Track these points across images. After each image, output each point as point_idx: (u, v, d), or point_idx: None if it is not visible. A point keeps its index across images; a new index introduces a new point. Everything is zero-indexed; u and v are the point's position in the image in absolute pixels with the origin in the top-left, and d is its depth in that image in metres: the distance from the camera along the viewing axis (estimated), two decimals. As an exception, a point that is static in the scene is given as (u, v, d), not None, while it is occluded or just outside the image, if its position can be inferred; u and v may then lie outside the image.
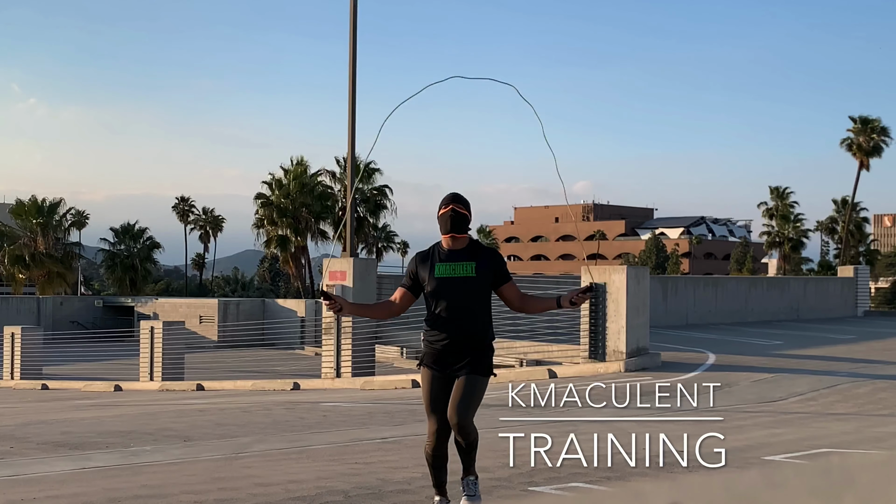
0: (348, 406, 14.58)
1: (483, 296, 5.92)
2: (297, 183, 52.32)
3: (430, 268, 5.93)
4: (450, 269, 5.89)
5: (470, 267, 5.88)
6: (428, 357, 5.92)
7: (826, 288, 35.05)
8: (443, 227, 5.92)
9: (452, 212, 5.87)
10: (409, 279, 6.03)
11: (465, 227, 5.95)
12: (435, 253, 5.98)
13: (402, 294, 6.06)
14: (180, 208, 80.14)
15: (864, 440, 9.39)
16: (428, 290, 5.91)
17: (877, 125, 58.64)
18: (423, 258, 6.01)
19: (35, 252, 52.00)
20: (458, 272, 5.88)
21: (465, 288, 5.85)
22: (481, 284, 5.90)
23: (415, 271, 6.01)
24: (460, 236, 5.92)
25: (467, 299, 5.84)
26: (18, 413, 16.56)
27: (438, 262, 5.92)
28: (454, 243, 5.92)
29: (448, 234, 5.90)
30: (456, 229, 5.88)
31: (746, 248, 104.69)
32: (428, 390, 5.91)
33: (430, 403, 5.89)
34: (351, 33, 23.24)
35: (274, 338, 32.62)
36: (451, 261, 5.90)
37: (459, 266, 5.89)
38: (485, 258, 5.96)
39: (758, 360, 17.88)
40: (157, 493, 7.06)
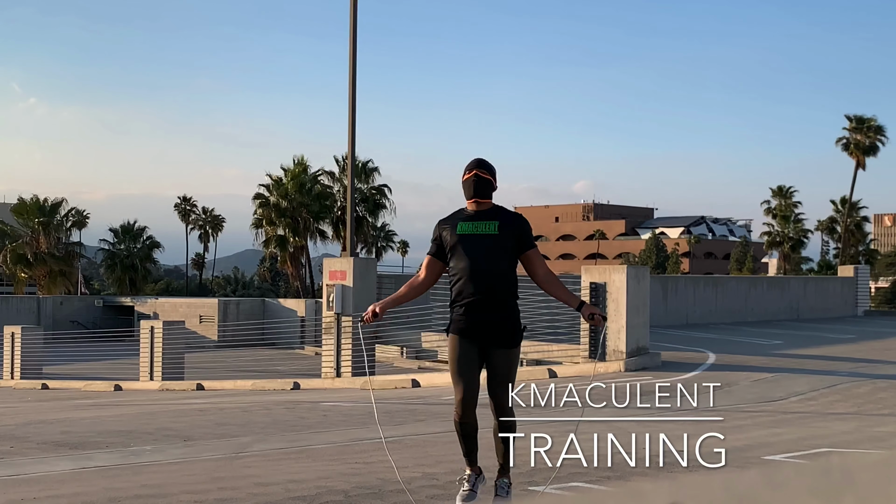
0: (348, 406, 14.58)
1: (507, 254, 5.82)
2: (295, 183, 52.31)
3: (452, 227, 5.87)
4: (472, 226, 5.82)
5: (493, 225, 5.82)
6: (455, 324, 5.83)
7: (826, 288, 35.05)
8: (467, 192, 5.86)
9: (476, 176, 5.81)
10: (434, 245, 5.96)
11: (489, 192, 5.88)
12: (458, 214, 5.94)
13: (428, 262, 6.00)
14: (182, 208, 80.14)
15: (864, 440, 9.39)
16: (450, 246, 5.84)
17: (872, 124, 58.64)
18: (446, 220, 5.97)
19: (37, 251, 52.03)
20: (480, 230, 5.81)
21: (488, 245, 5.78)
22: (504, 243, 5.80)
23: (439, 235, 5.94)
24: (484, 201, 5.86)
25: (490, 256, 5.76)
26: (18, 413, 16.56)
27: (461, 220, 5.87)
28: (478, 207, 5.87)
29: (472, 199, 5.85)
30: (479, 194, 5.82)
31: (746, 247, 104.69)
32: (455, 358, 5.81)
33: (458, 371, 5.79)
34: (351, 33, 23.24)
35: (274, 338, 32.61)
36: (474, 220, 5.85)
37: (482, 224, 5.82)
38: (509, 219, 5.90)
39: (758, 360, 17.88)
40: (157, 493, 7.06)
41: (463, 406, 5.80)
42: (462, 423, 5.86)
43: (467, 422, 5.86)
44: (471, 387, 5.78)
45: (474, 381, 5.81)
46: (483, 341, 5.78)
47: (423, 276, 6.04)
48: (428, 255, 6.02)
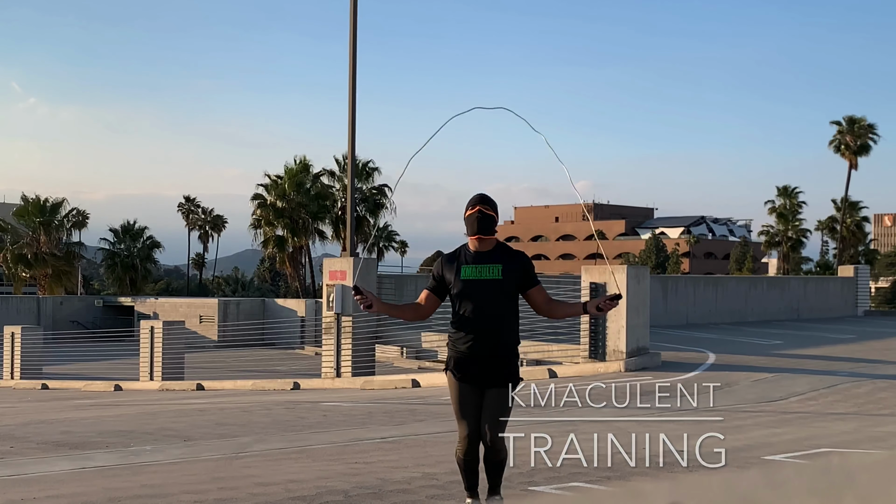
0: (348, 406, 14.58)
1: (510, 299, 5.83)
2: (292, 183, 52.28)
3: (456, 270, 5.84)
4: (476, 271, 5.80)
5: (497, 269, 5.79)
6: (454, 363, 5.85)
7: (826, 288, 35.04)
8: (469, 229, 5.83)
9: (479, 213, 5.78)
10: (435, 281, 5.94)
11: (492, 228, 5.85)
12: (461, 255, 5.89)
13: (426, 297, 5.98)
14: (185, 208, 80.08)
15: (864, 440, 9.39)
16: (454, 292, 5.82)
17: (863, 123, 58.63)
18: (449, 260, 5.93)
19: (38, 251, 52.02)
20: (484, 274, 5.78)
21: (492, 291, 5.76)
22: (508, 287, 5.80)
23: (440, 273, 5.92)
24: (487, 238, 5.83)
25: (494, 302, 5.76)
26: (18, 413, 16.56)
27: (465, 264, 5.83)
28: (481, 245, 5.84)
29: (475, 236, 5.82)
30: (483, 231, 5.79)
31: (746, 247, 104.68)
32: (457, 396, 5.86)
33: (460, 409, 5.84)
34: (351, 33, 23.24)
35: (274, 338, 32.61)
36: (477, 263, 5.81)
37: (486, 268, 5.80)
38: (512, 261, 5.87)
39: (758, 360, 17.88)
40: (157, 493, 7.06)
41: (468, 442, 5.87)
42: (466, 459, 5.92)
43: (471, 458, 5.92)
44: (475, 423, 5.85)
45: (478, 417, 5.86)
46: (481, 383, 5.83)
47: (424, 305, 6.01)
48: (426, 290, 6.00)
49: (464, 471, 5.98)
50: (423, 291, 6.03)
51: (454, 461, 6.07)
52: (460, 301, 5.82)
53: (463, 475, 6.02)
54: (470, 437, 5.84)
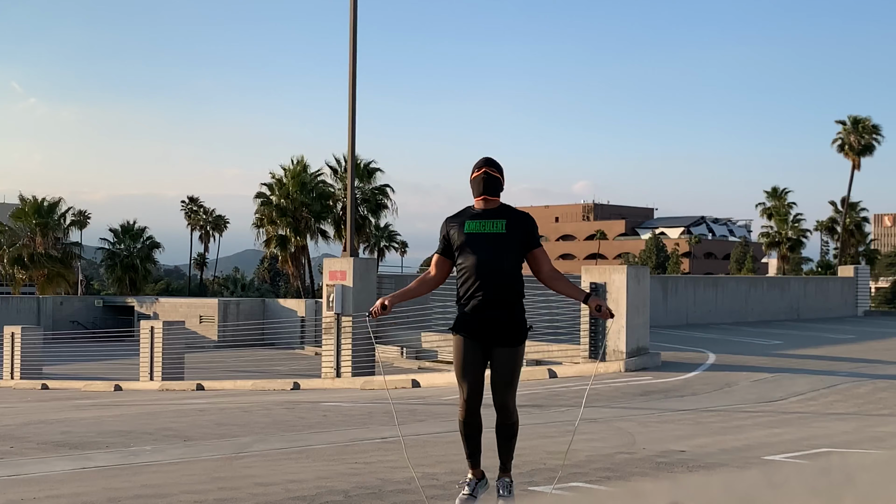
0: (348, 406, 14.58)
1: (513, 254, 5.83)
2: (296, 182, 52.30)
3: (460, 225, 5.89)
4: (480, 225, 5.84)
5: (500, 224, 5.83)
6: (460, 322, 5.84)
7: (826, 288, 35.04)
8: (475, 190, 5.87)
9: (485, 174, 5.83)
10: (442, 243, 5.98)
11: (498, 190, 5.89)
12: (465, 213, 5.96)
13: (437, 261, 6.01)
14: (188, 208, 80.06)
15: (864, 440, 9.39)
16: (458, 244, 5.85)
17: (867, 124, 58.54)
18: (454, 217, 5.99)
19: (34, 252, 51.98)
20: (487, 228, 5.83)
21: (495, 244, 5.79)
22: (511, 242, 5.82)
23: (446, 233, 5.96)
24: (492, 198, 5.87)
25: (497, 255, 5.78)
26: (18, 413, 16.56)
27: (469, 219, 5.89)
28: (486, 205, 5.88)
29: (480, 196, 5.86)
30: (488, 192, 5.84)
31: (746, 247, 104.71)
32: (460, 357, 5.83)
33: (462, 370, 5.81)
34: (351, 33, 23.23)
35: (274, 338, 32.61)
36: (481, 218, 5.87)
37: (490, 223, 5.84)
38: (516, 218, 5.91)
39: (758, 360, 17.87)
40: (157, 493, 7.06)
41: (468, 406, 5.82)
42: (466, 422, 5.86)
43: (472, 422, 5.86)
44: (476, 387, 5.80)
45: (479, 382, 5.82)
46: (487, 340, 5.79)
47: (433, 272, 6.05)
48: (436, 254, 6.04)
49: (464, 436, 5.92)
50: (434, 256, 6.07)
51: (455, 461, 6.07)
52: (464, 254, 5.83)
53: (463, 441, 5.96)
54: (469, 401, 5.81)
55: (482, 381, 5.84)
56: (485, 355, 5.82)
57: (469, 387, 5.79)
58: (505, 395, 5.78)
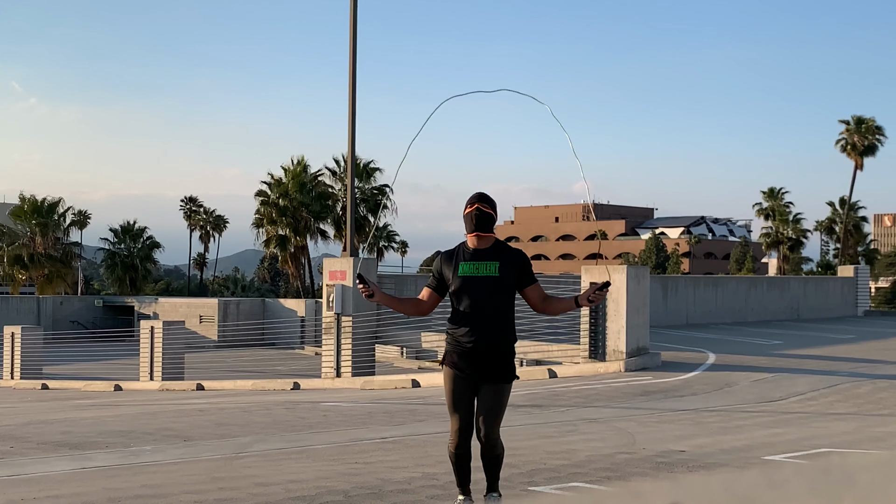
0: (348, 406, 14.58)
1: (506, 296, 5.87)
2: (295, 182, 52.31)
3: (454, 266, 5.90)
4: (474, 268, 5.85)
5: (494, 266, 5.84)
6: (450, 357, 5.89)
7: (826, 288, 35.04)
8: (468, 226, 5.88)
9: (478, 210, 5.83)
10: (435, 279, 6.00)
11: (490, 226, 5.90)
12: (460, 252, 5.95)
13: (428, 294, 6.04)
14: (187, 208, 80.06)
15: (864, 440, 9.39)
16: (452, 288, 5.88)
17: (871, 124, 58.48)
18: (447, 257, 5.99)
19: (34, 252, 51.95)
20: (481, 271, 5.83)
21: (489, 287, 5.81)
22: (505, 284, 5.84)
23: (440, 270, 5.98)
24: (485, 235, 5.88)
25: (491, 299, 5.80)
26: (18, 413, 16.56)
27: (463, 261, 5.89)
28: (479, 242, 5.89)
29: (473, 233, 5.87)
30: (481, 228, 5.84)
31: (746, 247, 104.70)
32: (451, 390, 5.88)
33: (453, 403, 5.87)
34: (351, 33, 23.23)
35: (274, 338, 32.61)
36: (475, 260, 5.87)
37: (483, 265, 5.84)
38: (509, 258, 5.91)
39: (758, 360, 17.87)
40: (157, 493, 7.06)
41: (459, 435, 5.89)
42: (457, 453, 5.94)
43: (462, 452, 5.94)
44: (466, 418, 5.86)
45: (470, 412, 5.89)
46: (477, 378, 5.84)
47: (425, 301, 6.07)
48: (427, 288, 6.06)
49: (455, 465, 6.00)
50: (425, 289, 6.09)
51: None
52: (458, 297, 5.87)
53: (454, 470, 6.04)
54: (461, 431, 5.86)
55: (472, 413, 5.91)
56: (475, 388, 5.88)
57: (460, 418, 5.87)
58: (490, 428, 5.83)
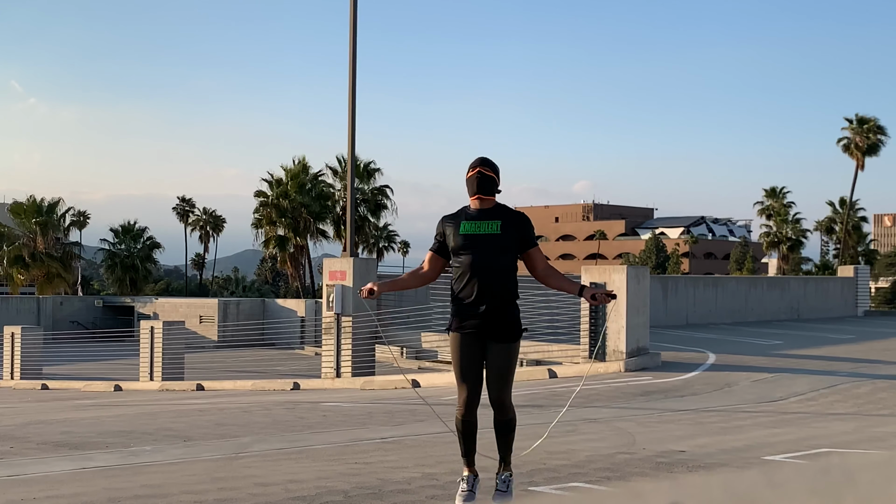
0: (348, 406, 14.58)
1: (508, 254, 5.87)
2: (295, 183, 52.31)
3: (455, 226, 5.93)
4: (475, 226, 5.87)
5: (495, 225, 5.86)
6: (455, 321, 5.88)
7: (826, 288, 35.04)
8: (470, 189, 5.91)
9: (479, 174, 5.86)
10: (437, 240, 6.03)
11: (493, 189, 5.92)
12: (462, 213, 6.00)
13: (430, 258, 6.07)
14: (181, 208, 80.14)
15: (864, 440, 9.39)
16: (452, 245, 5.89)
17: (873, 124, 58.49)
18: (450, 217, 6.03)
19: (34, 252, 51.95)
20: (483, 229, 5.86)
21: (490, 245, 5.82)
22: (506, 243, 5.85)
23: (442, 231, 6.01)
24: (487, 198, 5.90)
25: (492, 256, 5.81)
26: (18, 413, 16.56)
27: (465, 220, 5.92)
28: (482, 204, 5.91)
29: (475, 196, 5.89)
30: (483, 191, 5.87)
31: (746, 247, 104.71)
32: (458, 357, 5.87)
33: (461, 371, 5.85)
34: (351, 33, 23.23)
35: (274, 338, 32.61)
36: (477, 219, 5.90)
37: (485, 224, 5.87)
38: (511, 218, 5.94)
39: (758, 360, 17.87)
40: (157, 493, 7.06)
41: (467, 404, 5.85)
42: (464, 420, 5.90)
43: (469, 420, 5.90)
44: (475, 385, 5.84)
45: (478, 380, 5.86)
46: (483, 337, 5.82)
47: (426, 268, 6.09)
48: (430, 251, 6.09)
49: (461, 433, 5.97)
50: (428, 253, 6.11)
51: (454, 461, 6.07)
52: (459, 255, 5.87)
53: (460, 439, 6.01)
54: (469, 401, 5.85)
55: (481, 379, 5.88)
56: (482, 353, 5.86)
57: (468, 385, 5.84)
58: (501, 390, 5.82)
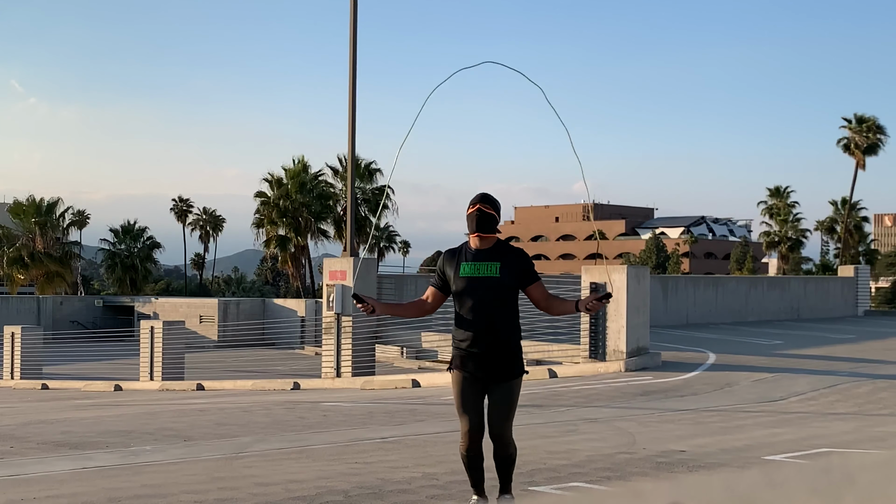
0: (348, 406, 14.58)
1: (508, 296, 5.86)
2: (296, 182, 52.31)
3: (455, 267, 5.90)
4: (475, 268, 5.84)
5: (495, 267, 5.83)
6: (457, 360, 5.89)
7: (826, 288, 35.03)
8: (470, 227, 5.88)
9: (479, 212, 5.83)
10: (439, 278, 6.00)
11: (492, 227, 5.90)
12: (462, 252, 5.95)
13: (432, 293, 6.04)
14: (178, 208, 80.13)
15: (864, 440, 9.39)
16: (454, 289, 5.88)
17: (872, 124, 58.45)
18: (450, 256, 5.99)
19: (34, 251, 51.94)
20: (482, 272, 5.83)
21: (490, 288, 5.80)
22: (506, 284, 5.84)
23: (443, 270, 5.99)
24: (487, 236, 5.87)
25: (492, 300, 5.79)
26: (18, 413, 16.56)
27: (464, 261, 5.89)
28: (481, 243, 5.88)
29: (475, 234, 5.87)
30: (482, 229, 5.84)
31: (746, 247, 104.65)
32: (459, 392, 5.88)
33: (462, 405, 5.86)
34: (351, 33, 23.23)
35: (274, 338, 32.60)
36: (476, 260, 5.86)
37: (484, 266, 5.83)
38: (510, 258, 5.90)
39: (758, 360, 17.87)
40: (157, 493, 7.06)
41: (470, 437, 5.87)
42: (469, 455, 5.92)
43: (474, 454, 5.92)
44: (476, 420, 5.85)
45: (479, 413, 5.88)
46: (484, 378, 5.84)
47: (429, 301, 6.08)
48: (431, 287, 6.07)
49: (467, 468, 6.00)
50: (429, 288, 6.10)
51: (454, 461, 6.07)
52: (460, 298, 5.87)
53: (468, 472, 6.04)
54: (471, 433, 5.85)
55: (482, 414, 5.90)
56: (483, 389, 5.88)
57: (470, 420, 5.86)
58: (502, 427, 5.84)
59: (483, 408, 5.90)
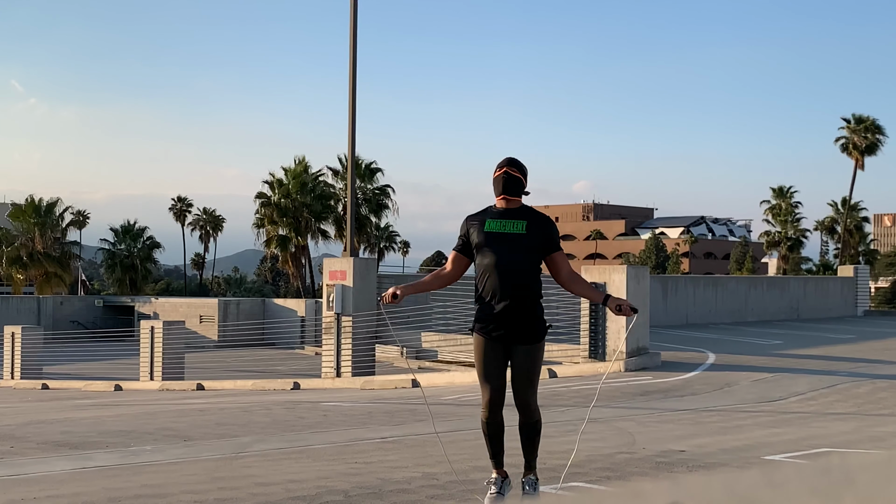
0: (348, 406, 14.58)
1: (532, 255, 5.80)
2: (296, 182, 52.31)
3: (480, 224, 5.87)
4: (500, 224, 5.82)
5: (521, 224, 5.80)
6: (479, 322, 5.82)
7: (826, 288, 35.03)
8: (496, 189, 5.85)
9: (506, 174, 5.81)
10: (461, 240, 5.96)
11: (519, 190, 5.87)
12: (487, 212, 5.94)
13: (454, 257, 6.00)
14: (178, 208, 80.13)
15: (864, 440, 9.39)
16: (476, 242, 5.83)
17: (871, 124, 58.44)
18: (474, 216, 5.97)
19: (33, 251, 51.93)
20: (508, 228, 5.80)
21: (515, 244, 5.76)
22: (531, 243, 5.79)
23: (466, 231, 5.94)
24: (513, 198, 5.85)
25: (516, 255, 5.74)
26: (18, 413, 16.56)
27: (490, 218, 5.87)
28: (507, 205, 5.86)
29: (501, 196, 5.84)
30: (508, 191, 5.82)
31: (746, 247, 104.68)
32: (481, 359, 5.81)
33: (484, 370, 5.80)
34: (351, 33, 23.23)
35: (274, 338, 32.61)
36: (503, 218, 5.84)
37: (510, 223, 5.81)
38: (537, 220, 5.88)
39: (758, 360, 17.87)
40: (157, 493, 7.06)
41: (490, 406, 5.82)
42: (489, 422, 5.87)
43: (494, 421, 5.87)
44: (498, 387, 5.80)
45: (501, 381, 5.82)
46: (507, 339, 5.77)
47: (449, 268, 6.04)
48: (454, 251, 6.03)
49: (487, 436, 5.93)
50: (451, 253, 6.06)
51: (455, 461, 6.06)
52: (482, 253, 5.80)
53: (487, 442, 5.97)
54: (492, 402, 5.80)
55: (504, 381, 5.83)
56: (506, 354, 5.81)
57: (491, 386, 5.79)
58: (526, 393, 5.78)
59: (506, 375, 5.83)
